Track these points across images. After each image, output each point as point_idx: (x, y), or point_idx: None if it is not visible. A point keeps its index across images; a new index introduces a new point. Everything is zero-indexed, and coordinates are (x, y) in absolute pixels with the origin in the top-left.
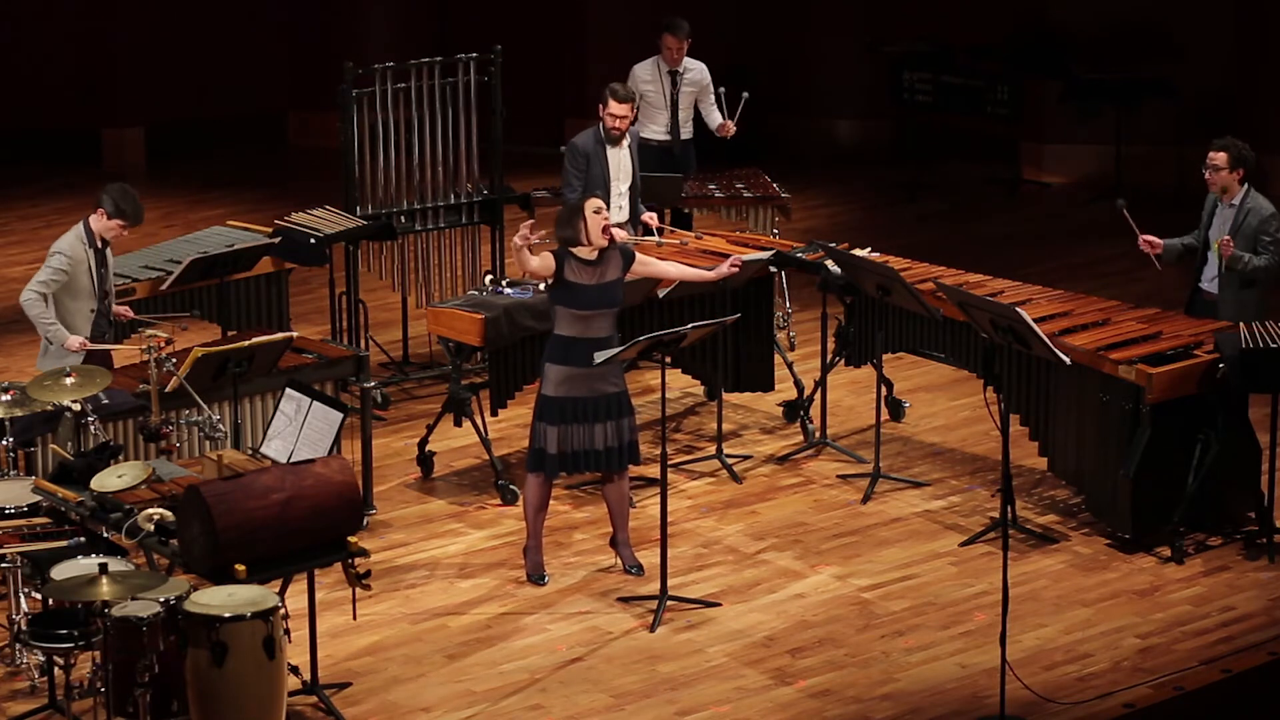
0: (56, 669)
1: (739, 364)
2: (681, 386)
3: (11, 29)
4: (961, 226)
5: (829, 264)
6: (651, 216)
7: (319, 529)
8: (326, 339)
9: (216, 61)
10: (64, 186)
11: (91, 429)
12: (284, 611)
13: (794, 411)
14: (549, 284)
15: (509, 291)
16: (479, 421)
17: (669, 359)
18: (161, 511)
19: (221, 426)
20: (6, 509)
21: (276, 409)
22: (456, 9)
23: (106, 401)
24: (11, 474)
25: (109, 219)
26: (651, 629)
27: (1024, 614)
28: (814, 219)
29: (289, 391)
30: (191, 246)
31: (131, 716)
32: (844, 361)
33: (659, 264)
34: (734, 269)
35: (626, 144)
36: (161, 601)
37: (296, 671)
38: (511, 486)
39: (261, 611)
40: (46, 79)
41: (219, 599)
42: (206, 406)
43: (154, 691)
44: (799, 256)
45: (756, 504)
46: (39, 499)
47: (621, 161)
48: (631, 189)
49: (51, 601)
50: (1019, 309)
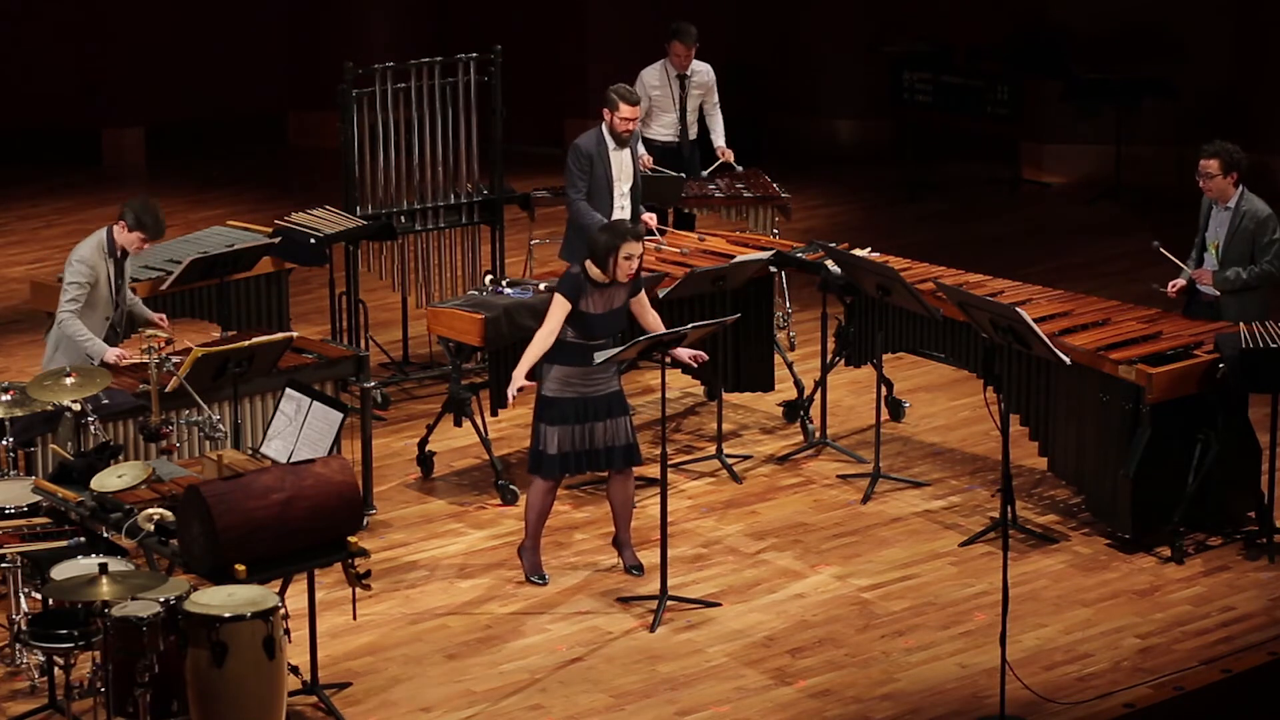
0: (56, 669)
1: (739, 364)
2: (681, 386)
3: (12, 29)
4: (961, 226)
5: (829, 264)
6: (651, 217)
7: (319, 529)
8: (326, 339)
9: (216, 61)
10: (64, 186)
11: (91, 429)
12: (284, 611)
13: (794, 411)
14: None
15: (509, 291)
16: (479, 421)
17: (669, 359)
18: (161, 511)
19: (221, 426)
20: (6, 509)
21: (276, 409)
22: (456, 9)
23: (106, 401)
24: (11, 474)
25: (129, 231)
26: (651, 629)
27: (1024, 614)
28: (814, 219)
29: (289, 391)
30: (191, 246)
31: (131, 716)
32: (844, 361)
33: (647, 312)
34: (695, 361)
35: (630, 145)
36: (161, 601)
37: (296, 671)
38: (511, 487)
39: (261, 611)
40: (46, 79)
41: (219, 599)
42: (206, 406)
43: (154, 691)
44: (799, 256)
45: (756, 504)
46: (39, 499)
47: (624, 163)
48: (633, 190)
49: (51, 601)
50: (1019, 309)
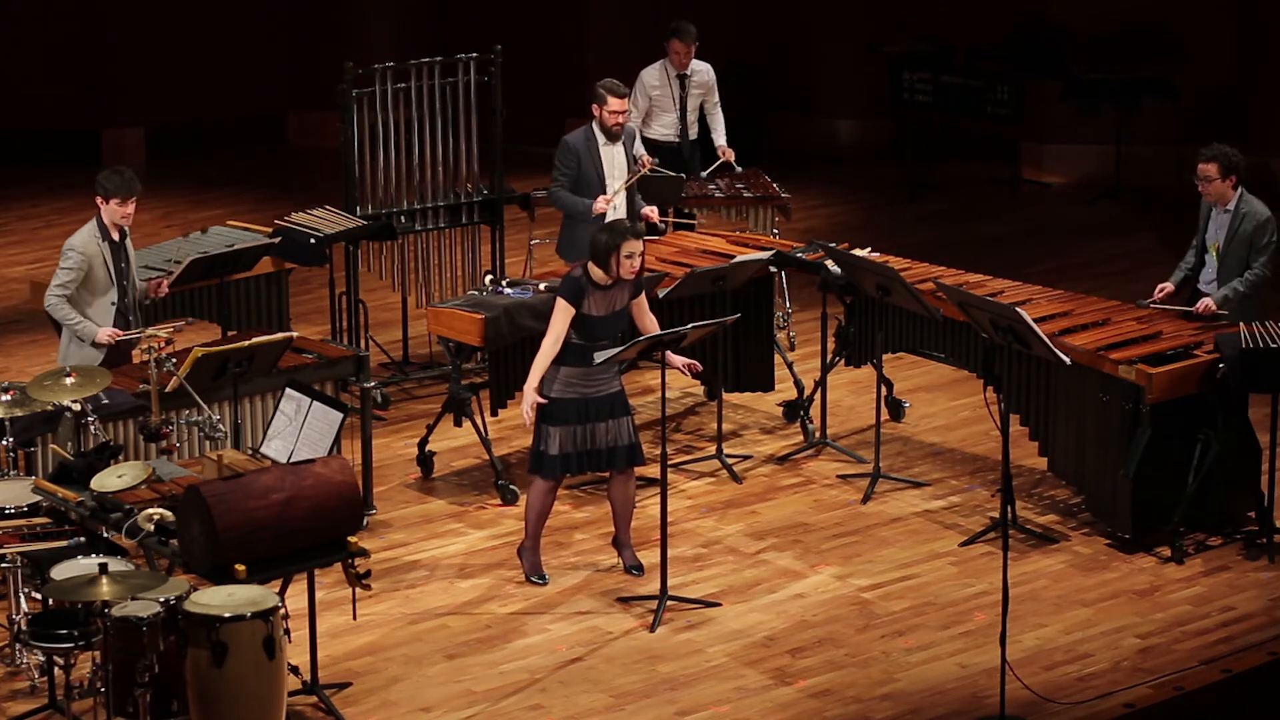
0: (56, 669)
1: (739, 364)
2: (681, 386)
3: (11, 29)
4: (961, 226)
5: (829, 264)
6: (651, 210)
7: (319, 529)
8: (326, 339)
9: (216, 61)
10: (64, 186)
11: (91, 429)
12: (284, 611)
13: (794, 411)
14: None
15: (509, 291)
16: (479, 421)
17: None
18: (161, 511)
19: (221, 426)
20: (6, 509)
21: (276, 409)
22: (456, 9)
23: (106, 401)
24: (11, 474)
25: (106, 203)
26: (651, 629)
27: (1024, 614)
28: (814, 219)
29: (289, 391)
30: (191, 246)
31: (131, 716)
32: (844, 361)
33: (645, 315)
34: (689, 369)
35: (621, 140)
36: (161, 601)
37: (296, 671)
38: (511, 487)
39: (261, 611)
40: (46, 79)
41: (219, 599)
42: (206, 406)
43: (154, 691)
44: (799, 256)
45: (756, 504)
46: (39, 499)
47: (617, 159)
48: (628, 187)
49: (51, 601)
50: (1019, 309)
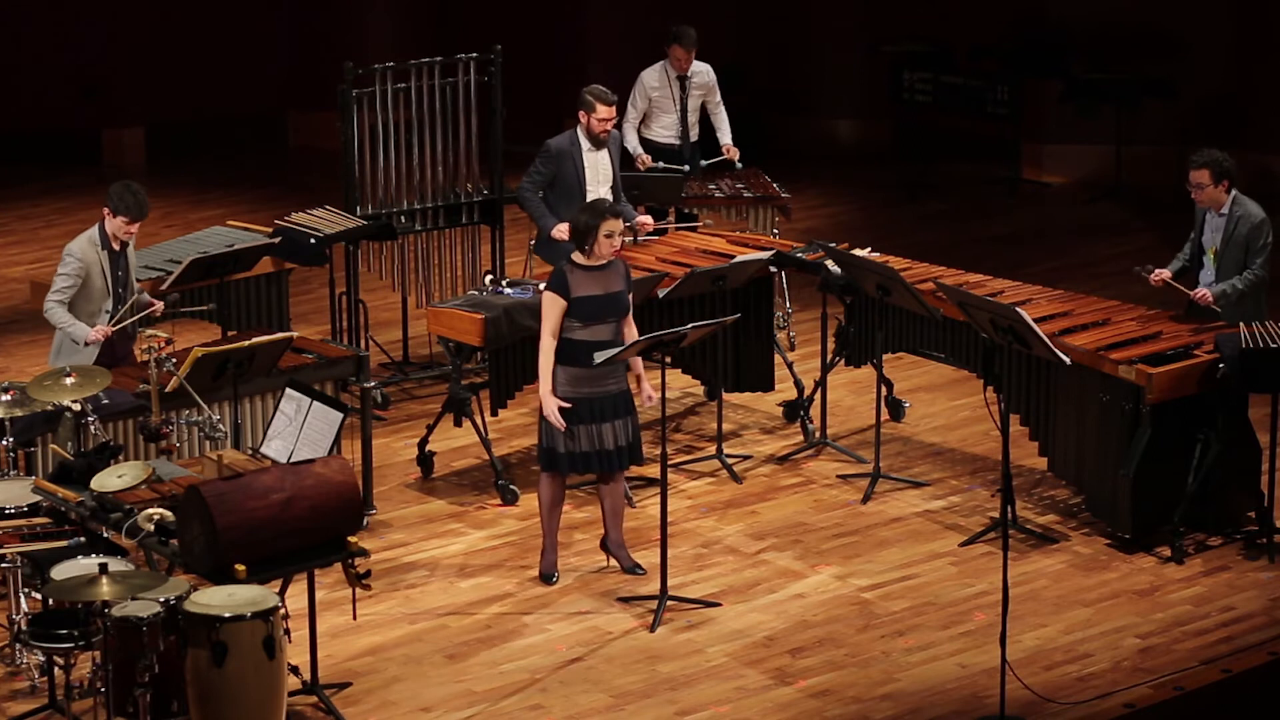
0: (56, 669)
1: (739, 364)
2: (681, 386)
3: (11, 29)
4: (961, 226)
5: (829, 264)
6: (647, 220)
7: (319, 529)
8: (326, 339)
9: (216, 61)
10: (64, 186)
11: (91, 429)
12: (284, 611)
13: (794, 411)
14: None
15: (509, 291)
16: (479, 421)
17: (669, 359)
18: (161, 511)
19: (221, 426)
20: (6, 509)
21: (276, 409)
22: (456, 9)
23: (106, 401)
24: (11, 474)
25: (114, 217)
26: (651, 629)
27: (1024, 614)
28: (814, 219)
29: (289, 391)
30: (191, 246)
31: (131, 716)
32: (844, 361)
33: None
34: (648, 400)
35: (607, 147)
36: (161, 601)
37: (296, 671)
38: (511, 486)
39: (261, 611)
40: (46, 79)
41: (219, 599)
42: (206, 406)
43: (154, 691)
44: (799, 256)
45: (756, 504)
46: (39, 499)
47: (600, 164)
48: (613, 190)
49: (51, 601)
50: (1019, 309)
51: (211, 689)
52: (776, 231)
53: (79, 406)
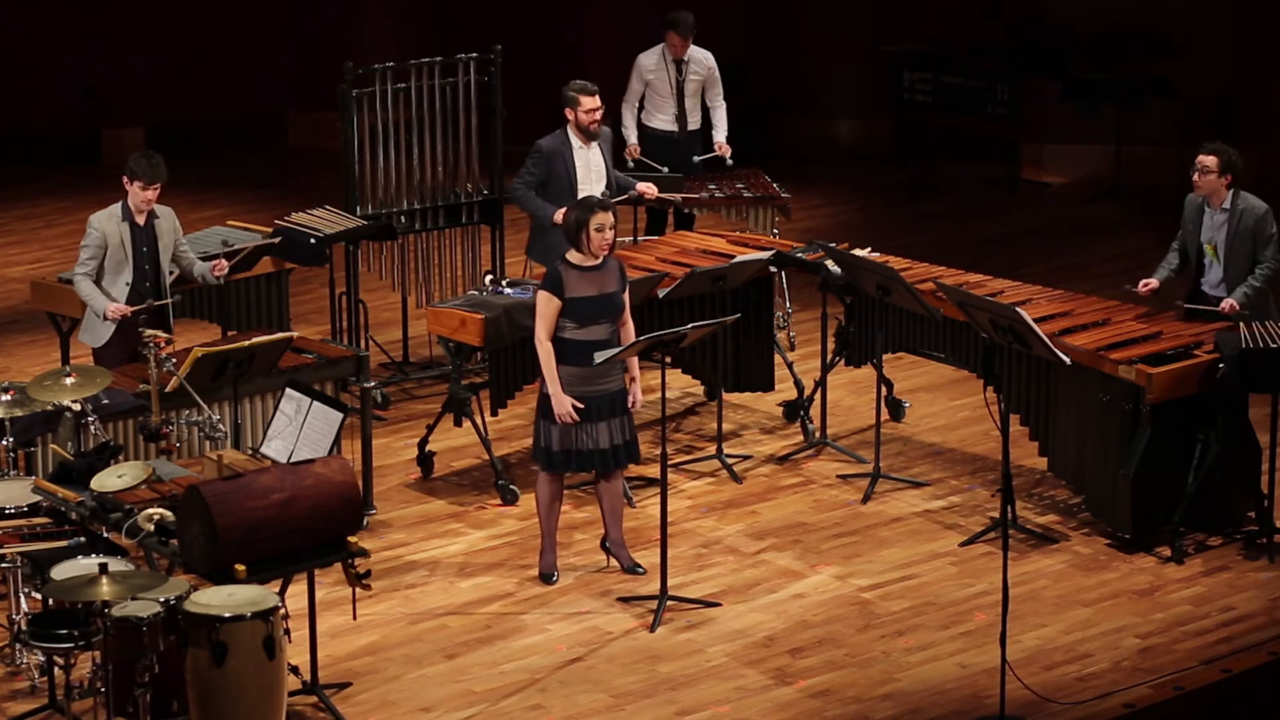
0: (56, 669)
1: (739, 364)
2: (681, 386)
3: (11, 29)
4: (961, 226)
5: (829, 264)
6: (649, 187)
7: (319, 529)
8: (326, 339)
9: (216, 61)
10: (64, 186)
11: (91, 429)
12: (284, 611)
13: (794, 411)
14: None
15: (509, 291)
16: (479, 421)
17: (669, 359)
18: (161, 511)
19: (221, 426)
20: (6, 509)
21: (276, 409)
22: (456, 9)
23: (106, 401)
24: (11, 474)
25: (129, 184)
26: (651, 629)
27: (1024, 614)
28: (814, 219)
29: (289, 391)
30: (192, 246)
31: (131, 716)
32: (844, 361)
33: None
34: (634, 404)
35: (598, 143)
36: (161, 601)
37: (296, 671)
38: (511, 486)
39: (261, 611)
40: (46, 79)
41: (219, 599)
42: (206, 406)
43: (154, 691)
44: (799, 256)
45: (756, 504)
46: (39, 499)
47: (592, 162)
48: (609, 189)
49: (51, 601)
50: (1019, 309)
51: (211, 689)
52: (776, 231)
53: (79, 406)
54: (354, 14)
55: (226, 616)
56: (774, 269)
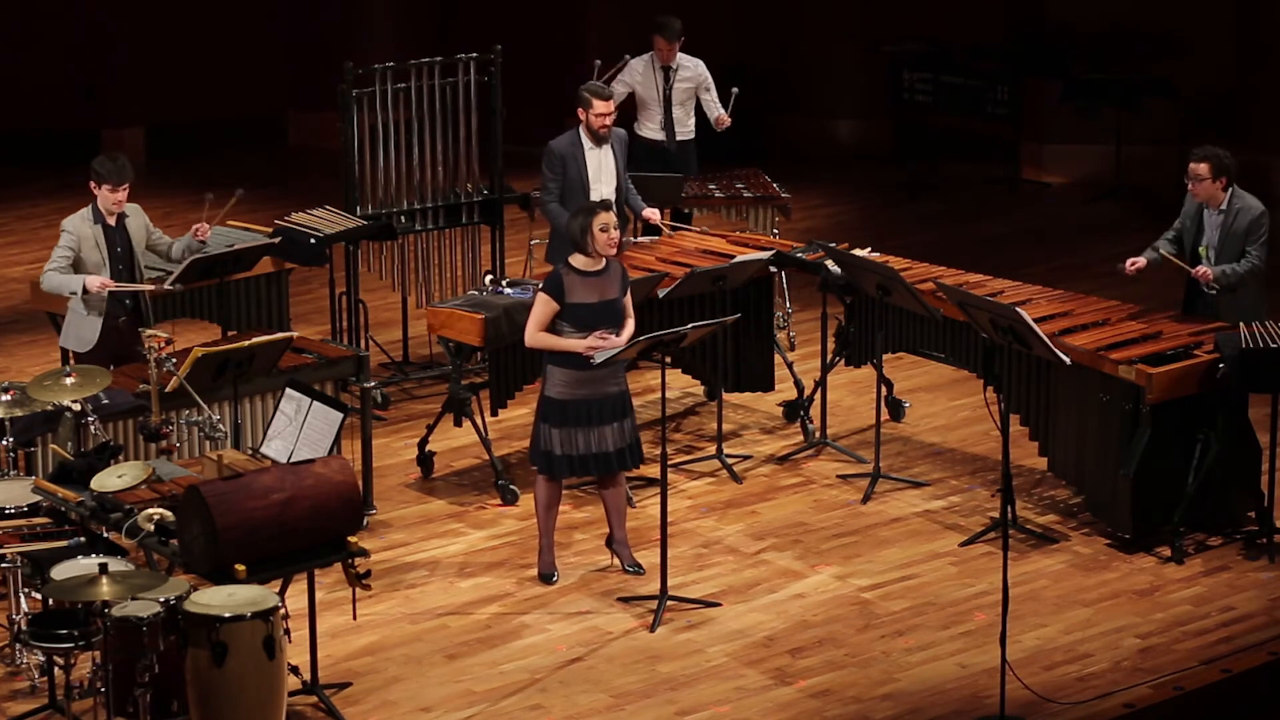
0: (56, 669)
1: (739, 364)
2: (681, 386)
3: (12, 29)
4: (961, 226)
5: (829, 264)
6: (653, 213)
7: (319, 529)
8: (326, 339)
9: (216, 61)
10: (64, 186)
11: (91, 429)
12: (284, 611)
13: (794, 411)
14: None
15: (509, 291)
16: (479, 421)
17: (669, 359)
18: (161, 511)
19: (221, 426)
20: (6, 509)
21: (276, 409)
22: (456, 9)
23: (106, 401)
24: (11, 474)
25: (98, 188)
26: (651, 629)
27: (1024, 614)
28: (814, 219)
29: (289, 391)
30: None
31: (131, 716)
32: (844, 361)
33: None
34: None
35: (609, 145)
36: (161, 601)
37: (296, 671)
38: (511, 486)
39: (261, 611)
40: (46, 79)
41: (219, 599)
42: (206, 406)
43: (154, 691)
44: (799, 256)
45: (756, 504)
46: (39, 499)
47: (604, 163)
48: (618, 191)
49: (51, 601)
50: (1019, 309)
51: (211, 689)
52: (776, 231)
53: (79, 406)
54: (354, 14)
55: (226, 616)
56: (774, 269)
